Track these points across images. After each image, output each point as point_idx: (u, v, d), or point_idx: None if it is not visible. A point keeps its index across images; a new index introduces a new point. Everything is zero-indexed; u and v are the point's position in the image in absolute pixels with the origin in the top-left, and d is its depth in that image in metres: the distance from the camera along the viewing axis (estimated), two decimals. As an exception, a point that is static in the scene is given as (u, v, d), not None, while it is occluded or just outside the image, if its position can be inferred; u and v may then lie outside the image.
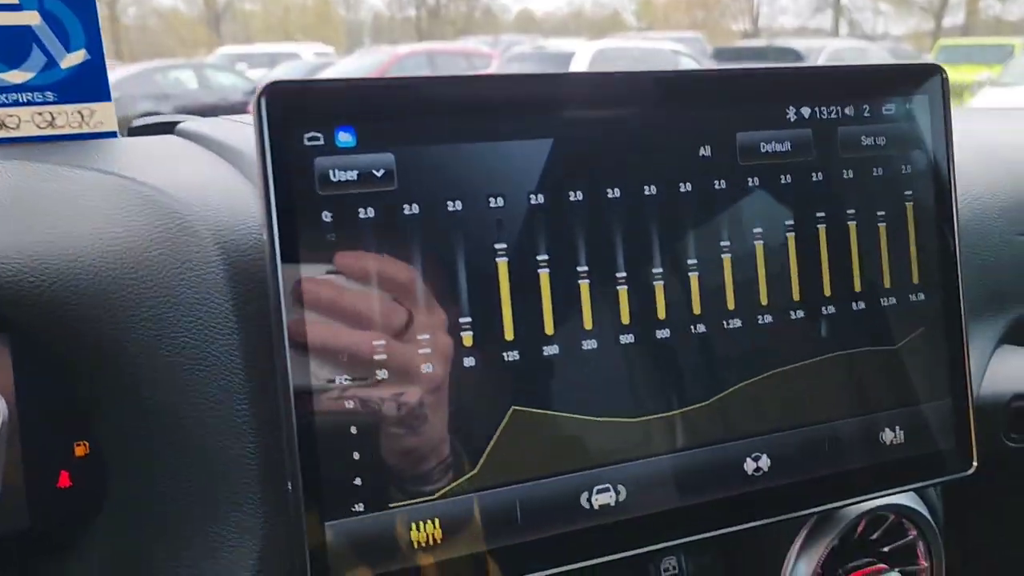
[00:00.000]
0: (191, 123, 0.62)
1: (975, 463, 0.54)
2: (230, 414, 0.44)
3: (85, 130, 0.65)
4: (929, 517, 0.57)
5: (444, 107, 0.42)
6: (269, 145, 0.39)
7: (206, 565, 0.44)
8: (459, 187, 0.42)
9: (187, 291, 0.45)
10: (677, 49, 10.25)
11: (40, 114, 0.62)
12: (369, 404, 0.41)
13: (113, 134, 0.65)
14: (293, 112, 0.40)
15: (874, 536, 0.57)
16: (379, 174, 0.41)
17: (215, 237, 0.46)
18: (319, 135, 0.40)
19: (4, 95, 0.60)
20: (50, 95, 0.63)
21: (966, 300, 0.65)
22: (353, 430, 0.41)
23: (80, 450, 0.45)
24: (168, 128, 0.64)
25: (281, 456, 0.41)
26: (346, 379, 0.41)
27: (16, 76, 0.61)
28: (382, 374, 0.42)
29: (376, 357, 0.41)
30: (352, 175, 0.41)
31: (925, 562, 0.58)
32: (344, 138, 0.41)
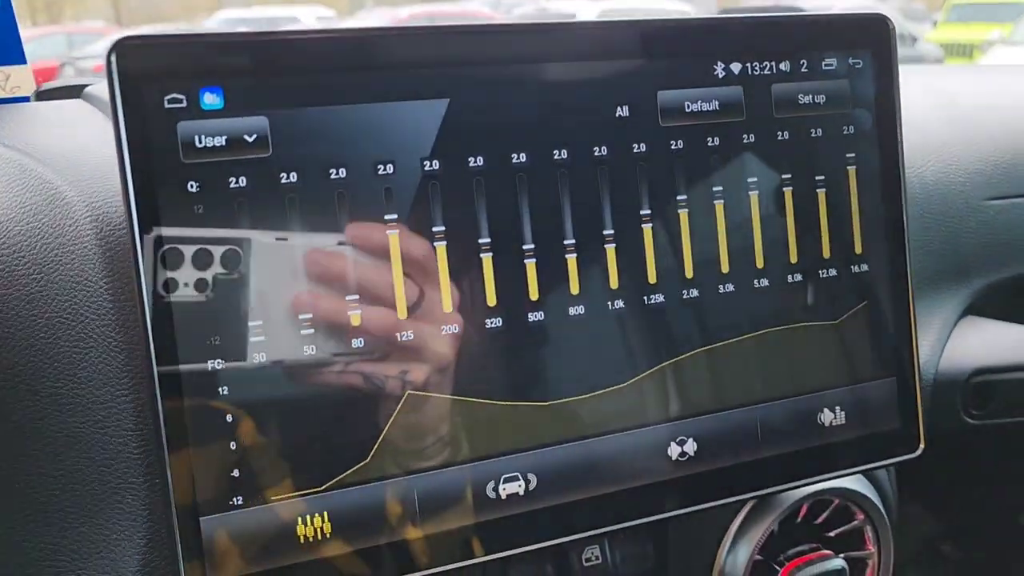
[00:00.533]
0: (98, 86, 0.58)
1: (923, 444, 0.51)
2: (109, 398, 0.41)
3: (1, 95, 0.61)
4: (877, 501, 0.54)
5: (324, 65, 0.39)
6: (123, 109, 0.36)
7: (90, 558, 0.41)
8: (342, 153, 0.39)
9: (61, 267, 0.41)
10: (684, 9, 10.08)
11: (-48, 80, 0.59)
12: (246, 389, 0.38)
13: (26, 99, 0.61)
14: (151, 71, 0.36)
15: (818, 521, 0.54)
16: (251, 139, 0.38)
17: (89, 209, 0.42)
18: (181, 97, 0.37)
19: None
20: (-43, 59, 0.60)
21: (923, 268, 0.61)
22: (229, 418, 0.38)
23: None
24: (77, 92, 0.60)
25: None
26: (219, 363, 0.38)
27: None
28: (260, 357, 0.38)
29: (253, 339, 0.38)
30: (220, 141, 0.37)
31: (873, 547, 0.55)
32: (210, 100, 0.37)
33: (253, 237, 0.38)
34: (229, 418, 0.38)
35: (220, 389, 0.38)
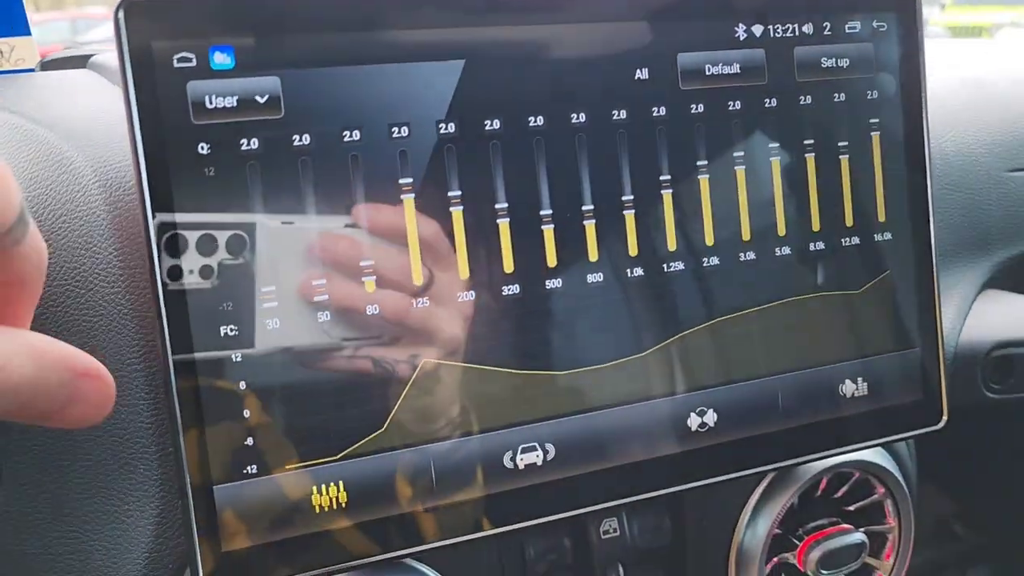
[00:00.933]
0: (104, 55, 0.57)
1: (945, 416, 0.50)
2: (120, 366, 0.41)
3: (5, 67, 0.61)
4: (898, 474, 0.54)
5: (337, 24, 0.38)
6: (131, 68, 0.35)
7: (104, 528, 0.41)
8: (356, 115, 0.38)
9: (69, 232, 0.41)
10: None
11: (-46, 51, 0.58)
12: (258, 357, 0.37)
13: (31, 70, 0.61)
14: (159, 29, 0.35)
15: (838, 495, 0.53)
16: (262, 100, 0.37)
17: (97, 174, 0.41)
18: (191, 56, 0.36)
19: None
20: (-38, 30, 0.59)
21: (943, 241, 0.60)
22: (242, 386, 0.37)
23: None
24: (82, 63, 0.59)
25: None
26: (232, 329, 0.37)
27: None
28: (273, 324, 0.38)
29: (266, 305, 0.37)
30: (231, 101, 0.36)
31: (893, 521, 0.54)
32: (220, 59, 0.36)
33: (265, 201, 0.37)
34: (242, 386, 0.37)
35: (233, 356, 0.37)
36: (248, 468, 0.38)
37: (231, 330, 0.37)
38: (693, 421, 0.45)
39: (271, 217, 0.37)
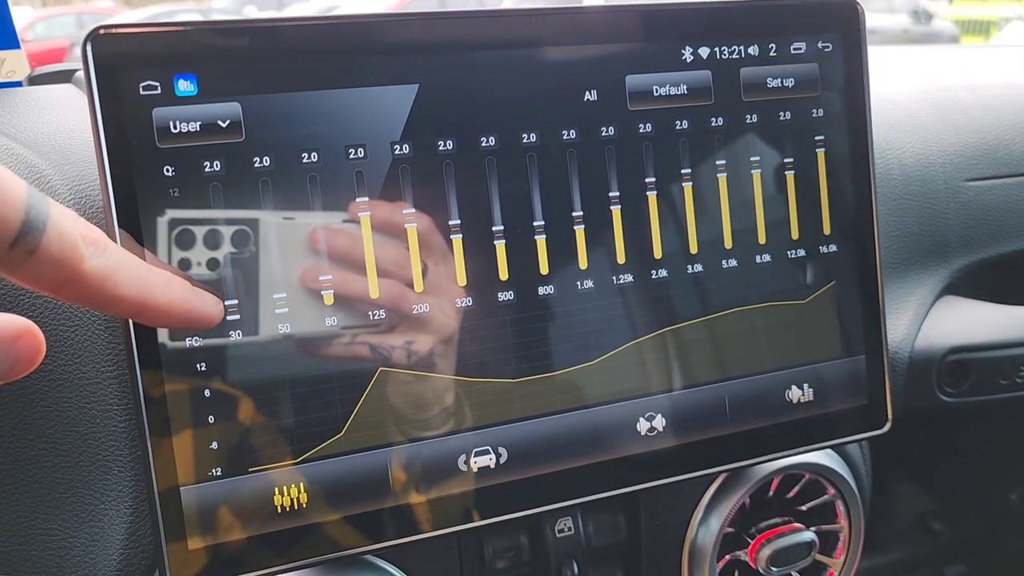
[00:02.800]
0: (87, 71, 0.59)
1: (890, 422, 0.52)
2: (95, 374, 0.43)
3: (-4, 80, 0.63)
4: (848, 475, 0.56)
5: (295, 52, 0.40)
6: (99, 96, 0.37)
7: (79, 527, 0.43)
8: (314, 138, 0.40)
9: None
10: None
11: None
12: (222, 365, 0.40)
13: (19, 83, 0.63)
14: (126, 60, 0.37)
15: (789, 495, 0.55)
16: (224, 125, 0.39)
17: (73, 193, 0.44)
18: (156, 84, 0.38)
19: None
20: (-51, 44, 0.61)
21: (901, 249, 0.62)
22: (207, 393, 0.40)
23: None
24: (68, 76, 0.61)
25: None
26: (197, 340, 0.39)
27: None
28: (236, 335, 0.40)
29: (229, 318, 0.40)
30: (194, 126, 0.38)
31: (844, 521, 0.57)
32: (184, 87, 0.38)
33: (229, 218, 0.39)
34: (207, 393, 0.40)
35: (198, 365, 0.39)
36: (213, 471, 0.40)
37: (195, 340, 0.39)
38: (642, 426, 0.47)
39: (235, 237, 0.39)
